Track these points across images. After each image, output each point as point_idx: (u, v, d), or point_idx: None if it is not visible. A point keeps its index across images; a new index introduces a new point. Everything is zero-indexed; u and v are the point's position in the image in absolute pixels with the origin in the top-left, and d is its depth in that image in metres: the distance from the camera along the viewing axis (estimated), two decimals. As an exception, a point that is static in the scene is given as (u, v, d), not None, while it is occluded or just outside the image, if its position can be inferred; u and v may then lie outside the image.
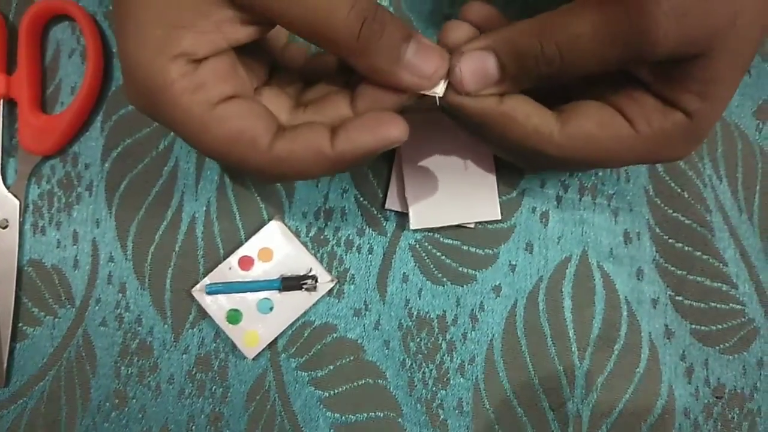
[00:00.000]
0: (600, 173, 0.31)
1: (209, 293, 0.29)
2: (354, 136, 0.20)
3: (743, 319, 0.30)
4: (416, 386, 0.30)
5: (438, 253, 0.30)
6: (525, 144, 0.22)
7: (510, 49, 0.20)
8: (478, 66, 0.21)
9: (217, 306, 0.29)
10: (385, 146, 0.21)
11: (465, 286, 0.30)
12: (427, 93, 0.21)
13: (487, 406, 0.30)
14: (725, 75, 0.20)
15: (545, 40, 0.19)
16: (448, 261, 0.30)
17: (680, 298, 0.30)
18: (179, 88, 0.19)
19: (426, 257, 0.30)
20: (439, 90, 0.21)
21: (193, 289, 0.29)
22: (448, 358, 0.30)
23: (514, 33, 0.20)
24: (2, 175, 0.31)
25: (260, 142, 0.20)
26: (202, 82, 0.20)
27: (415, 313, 0.30)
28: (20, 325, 0.30)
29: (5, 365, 0.30)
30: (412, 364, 0.30)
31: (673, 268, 0.30)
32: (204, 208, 0.30)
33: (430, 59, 0.20)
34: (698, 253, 0.30)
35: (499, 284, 0.30)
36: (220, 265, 0.29)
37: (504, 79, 0.21)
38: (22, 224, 0.31)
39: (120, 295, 0.30)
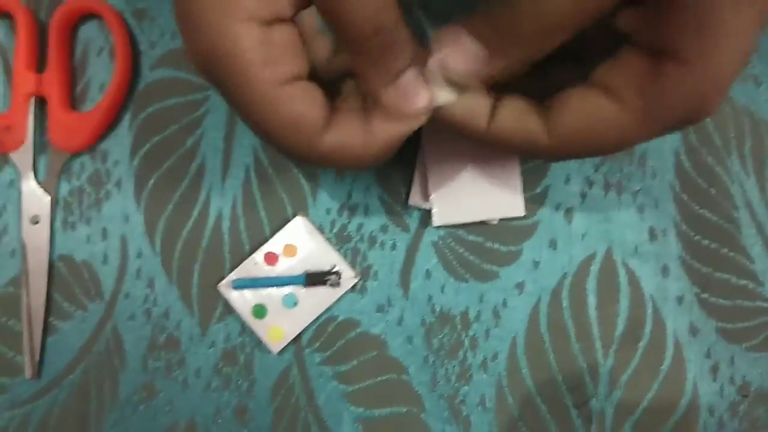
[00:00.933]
0: (625, 169, 0.30)
1: (235, 288, 0.30)
2: (387, 127, 0.21)
3: (770, 317, 0.30)
4: (439, 382, 0.30)
5: (461, 250, 0.30)
6: (518, 152, 0.23)
7: (484, 21, 0.19)
8: (455, 47, 0.19)
9: (243, 301, 0.30)
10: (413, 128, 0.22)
11: (488, 282, 0.30)
12: None
13: (510, 403, 0.30)
14: None
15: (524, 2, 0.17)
16: (471, 257, 0.30)
17: (706, 296, 0.30)
18: (249, 59, 0.18)
19: (449, 254, 0.30)
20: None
21: (220, 284, 0.30)
22: (471, 354, 0.30)
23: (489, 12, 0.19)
24: (34, 171, 0.31)
25: (313, 131, 0.20)
26: (273, 56, 0.18)
27: (438, 310, 0.30)
28: (51, 319, 0.31)
29: (38, 358, 0.31)
30: (434, 359, 0.30)
31: (699, 265, 0.30)
32: (230, 205, 0.31)
33: (422, 93, 0.21)
34: (725, 250, 0.30)
35: (523, 281, 0.30)
36: (245, 261, 0.30)
37: (492, 54, 0.19)
38: (53, 220, 0.31)
39: (148, 289, 0.31)
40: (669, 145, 0.30)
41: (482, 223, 0.30)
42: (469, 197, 0.30)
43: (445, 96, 0.21)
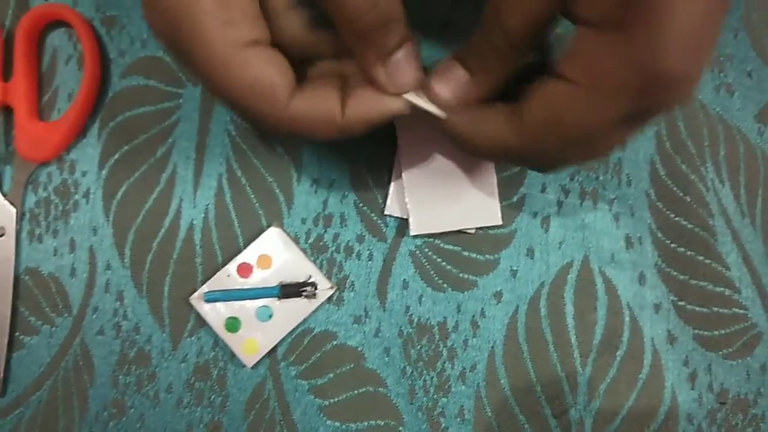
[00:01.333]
0: (600, 178, 0.30)
1: (207, 301, 0.29)
2: (362, 107, 0.21)
3: (746, 324, 0.30)
4: (417, 394, 0.30)
5: (438, 259, 0.30)
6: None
7: (469, 50, 0.22)
8: (446, 75, 0.22)
9: (215, 314, 0.29)
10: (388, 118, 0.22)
11: (466, 292, 0.30)
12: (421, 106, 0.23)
13: (489, 414, 0.29)
14: None
15: (490, 25, 0.20)
16: (448, 267, 0.30)
17: (683, 303, 0.30)
18: (207, 20, 0.18)
19: (426, 263, 0.30)
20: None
21: (192, 297, 0.29)
22: (449, 365, 0.30)
23: (469, 41, 0.22)
24: (-2, 182, 0.30)
25: (279, 95, 0.20)
26: (231, 19, 0.18)
27: (416, 320, 0.30)
28: (17, 334, 0.30)
29: (2, 375, 0.30)
30: (412, 371, 0.30)
31: (675, 273, 0.30)
32: (202, 215, 0.30)
33: (410, 71, 0.21)
34: (701, 258, 0.30)
35: (501, 290, 0.30)
36: (218, 273, 0.29)
37: (475, 76, 0.22)
38: (18, 232, 0.30)
39: (118, 303, 0.30)
40: (644, 153, 0.30)
41: (459, 232, 0.30)
42: (446, 206, 0.30)
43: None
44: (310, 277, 0.29)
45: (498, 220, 0.30)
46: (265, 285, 0.29)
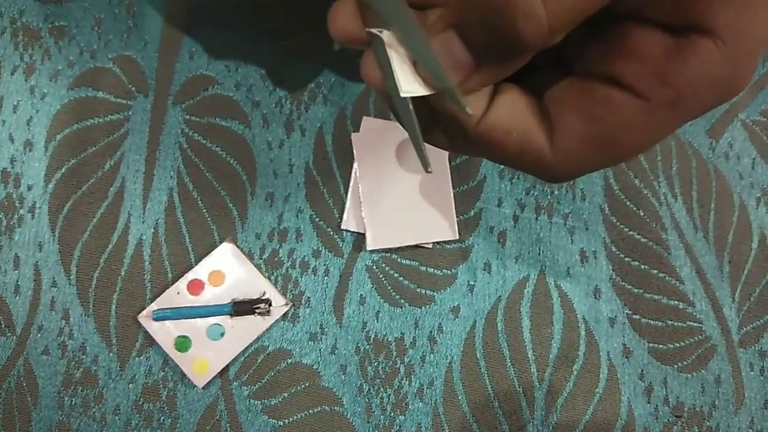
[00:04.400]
0: (555, 192, 0.30)
1: (156, 319, 0.28)
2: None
3: (700, 337, 0.30)
4: (374, 412, 0.29)
5: (396, 275, 0.30)
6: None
7: (474, 14, 0.14)
8: (444, 58, 0.15)
9: (164, 333, 0.28)
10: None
11: (423, 307, 0.30)
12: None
13: (447, 431, 0.29)
14: None
15: None
16: (406, 282, 0.30)
17: (637, 317, 0.30)
18: None
19: (383, 279, 0.30)
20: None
21: (140, 315, 0.28)
22: (407, 382, 0.29)
23: None
24: (-63, 197, 0.29)
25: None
26: None
27: (373, 337, 0.29)
28: (-45, 355, 0.29)
29: (-63, 399, 0.28)
30: (369, 389, 0.29)
31: (629, 287, 0.30)
32: (152, 231, 0.29)
33: None
34: (654, 271, 0.30)
35: (458, 305, 0.30)
36: (168, 290, 0.28)
37: (481, 60, 0.15)
38: (-42, 249, 0.29)
39: (63, 321, 0.29)
40: (599, 168, 0.31)
41: (417, 246, 0.30)
42: (403, 221, 0.29)
43: (413, 86, 0.15)
44: (264, 293, 0.29)
45: (455, 235, 0.29)
46: (217, 302, 0.28)
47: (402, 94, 0.15)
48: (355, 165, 0.29)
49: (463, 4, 0.14)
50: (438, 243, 0.30)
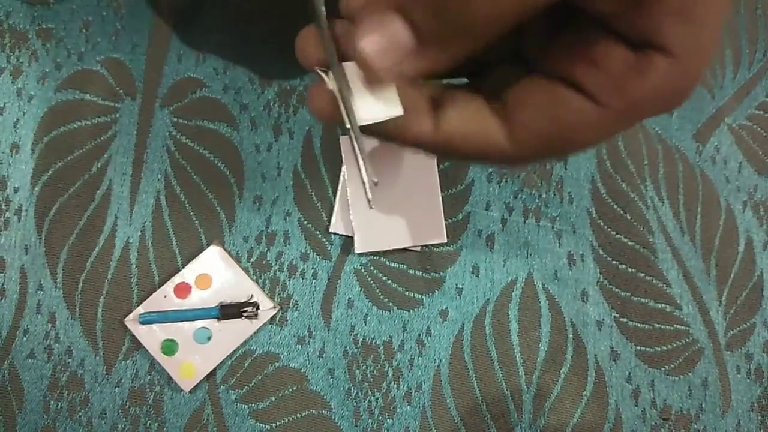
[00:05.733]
0: (543, 196, 0.31)
1: (143, 323, 0.28)
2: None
3: (688, 340, 0.30)
4: (362, 416, 0.29)
5: (384, 278, 0.30)
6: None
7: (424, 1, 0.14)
8: (382, 36, 0.15)
9: (151, 336, 0.28)
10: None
11: (412, 310, 0.30)
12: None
13: (435, 435, 0.29)
14: None
15: None
16: (394, 285, 0.30)
17: (625, 320, 0.30)
18: None
19: (372, 282, 0.30)
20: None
21: (126, 318, 0.28)
22: (395, 385, 0.29)
23: None
24: None
25: None
26: None
27: (361, 340, 0.29)
28: (-61, 359, 0.28)
29: None
30: (357, 392, 0.29)
31: (617, 290, 0.30)
32: (139, 234, 0.29)
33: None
34: (642, 275, 0.30)
35: (446, 308, 0.30)
36: (154, 293, 0.28)
37: (424, 44, 0.15)
38: (-57, 252, 0.29)
39: (49, 325, 0.29)
40: (585, 172, 0.31)
41: (405, 250, 0.30)
42: (392, 224, 0.29)
43: (373, 111, 0.16)
44: (251, 296, 0.29)
45: (443, 238, 0.29)
46: (204, 306, 0.28)
47: (360, 123, 0.16)
48: (344, 168, 0.29)
49: None
50: (426, 246, 0.30)
